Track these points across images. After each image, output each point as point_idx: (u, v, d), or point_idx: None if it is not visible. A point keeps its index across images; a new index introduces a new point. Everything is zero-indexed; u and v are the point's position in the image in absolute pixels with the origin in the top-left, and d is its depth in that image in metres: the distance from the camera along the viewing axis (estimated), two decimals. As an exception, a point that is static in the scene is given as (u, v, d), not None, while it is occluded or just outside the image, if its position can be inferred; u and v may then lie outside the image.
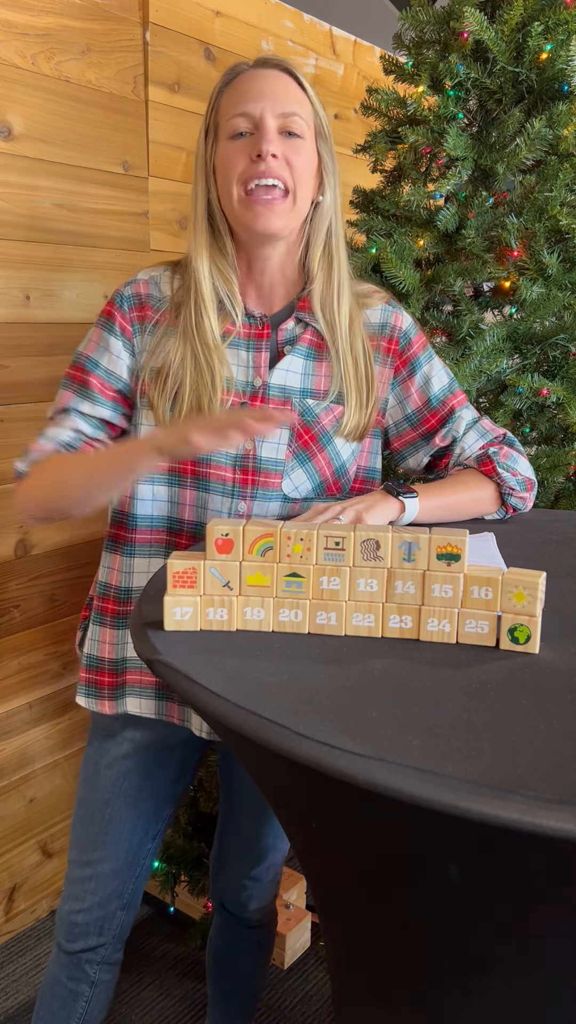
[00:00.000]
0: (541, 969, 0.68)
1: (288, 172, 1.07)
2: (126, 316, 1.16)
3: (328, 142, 1.13)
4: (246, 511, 1.14)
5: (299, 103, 1.09)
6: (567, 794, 0.56)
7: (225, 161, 1.08)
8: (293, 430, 1.14)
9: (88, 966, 1.26)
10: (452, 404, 1.22)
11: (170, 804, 1.29)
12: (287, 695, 0.70)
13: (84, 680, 1.24)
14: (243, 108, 1.07)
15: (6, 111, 1.57)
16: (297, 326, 1.16)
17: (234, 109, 1.08)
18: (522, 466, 1.20)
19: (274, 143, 1.06)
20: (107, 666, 1.22)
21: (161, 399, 1.12)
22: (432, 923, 0.71)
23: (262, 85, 1.08)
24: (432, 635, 0.82)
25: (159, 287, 1.17)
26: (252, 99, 1.07)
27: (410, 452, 1.25)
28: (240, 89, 1.09)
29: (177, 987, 1.79)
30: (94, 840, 1.23)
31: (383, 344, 1.20)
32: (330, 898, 0.85)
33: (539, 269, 1.57)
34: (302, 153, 1.08)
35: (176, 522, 1.17)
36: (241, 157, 1.07)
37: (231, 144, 1.08)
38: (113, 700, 1.22)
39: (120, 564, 1.20)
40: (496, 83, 1.57)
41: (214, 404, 1.11)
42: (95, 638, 1.23)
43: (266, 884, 1.42)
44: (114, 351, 1.15)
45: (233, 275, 1.14)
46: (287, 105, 1.07)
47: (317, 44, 2.20)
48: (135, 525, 1.18)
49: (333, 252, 1.15)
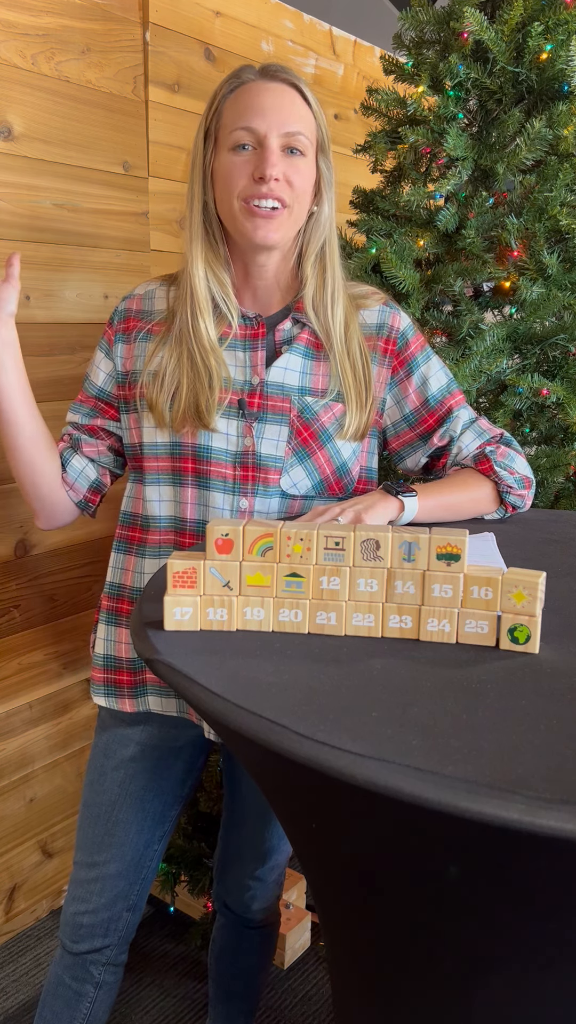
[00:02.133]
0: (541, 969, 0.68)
1: (288, 192, 1.08)
2: (112, 328, 1.23)
3: (328, 154, 1.13)
4: (248, 507, 1.15)
5: (303, 120, 1.09)
6: (567, 794, 0.56)
7: (227, 173, 1.09)
8: (292, 427, 1.15)
9: (93, 967, 1.26)
10: (450, 404, 1.22)
11: (176, 805, 1.29)
12: (287, 695, 0.70)
13: (101, 680, 1.25)
14: (247, 123, 1.07)
15: (6, 111, 1.57)
16: (294, 326, 1.18)
17: (238, 122, 1.07)
18: (520, 464, 1.20)
19: (277, 166, 1.06)
20: (126, 665, 1.23)
21: (160, 399, 1.14)
22: (432, 923, 0.71)
23: (269, 100, 1.07)
24: (432, 635, 0.82)
25: (152, 302, 1.21)
26: (257, 114, 1.07)
27: (408, 452, 1.25)
28: (245, 101, 1.08)
29: (177, 987, 1.79)
30: (100, 842, 1.24)
31: (380, 345, 1.20)
32: (330, 898, 0.85)
33: (539, 269, 1.57)
34: (302, 171, 1.09)
35: (180, 521, 1.18)
36: (243, 173, 1.07)
37: (233, 157, 1.08)
38: (134, 698, 1.23)
39: (134, 565, 1.22)
40: (496, 83, 1.57)
41: (211, 404, 1.12)
42: (111, 638, 1.24)
43: (270, 884, 1.43)
44: (96, 362, 1.24)
45: (228, 278, 1.15)
46: (292, 124, 1.07)
47: (317, 44, 2.20)
48: (148, 526, 1.20)
49: (327, 258, 1.17)
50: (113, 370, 1.21)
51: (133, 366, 1.19)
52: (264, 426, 1.15)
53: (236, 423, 1.14)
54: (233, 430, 1.14)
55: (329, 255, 1.16)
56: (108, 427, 1.24)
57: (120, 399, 1.22)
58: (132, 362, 1.19)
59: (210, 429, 1.14)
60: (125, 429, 1.22)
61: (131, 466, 1.24)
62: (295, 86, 1.10)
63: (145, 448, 1.18)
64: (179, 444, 1.16)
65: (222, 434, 1.14)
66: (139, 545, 1.21)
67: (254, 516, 1.16)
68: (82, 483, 1.22)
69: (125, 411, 1.21)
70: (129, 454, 1.22)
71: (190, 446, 1.15)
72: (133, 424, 1.19)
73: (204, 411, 1.12)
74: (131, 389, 1.19)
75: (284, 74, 1.10)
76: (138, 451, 1.19)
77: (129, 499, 1.24)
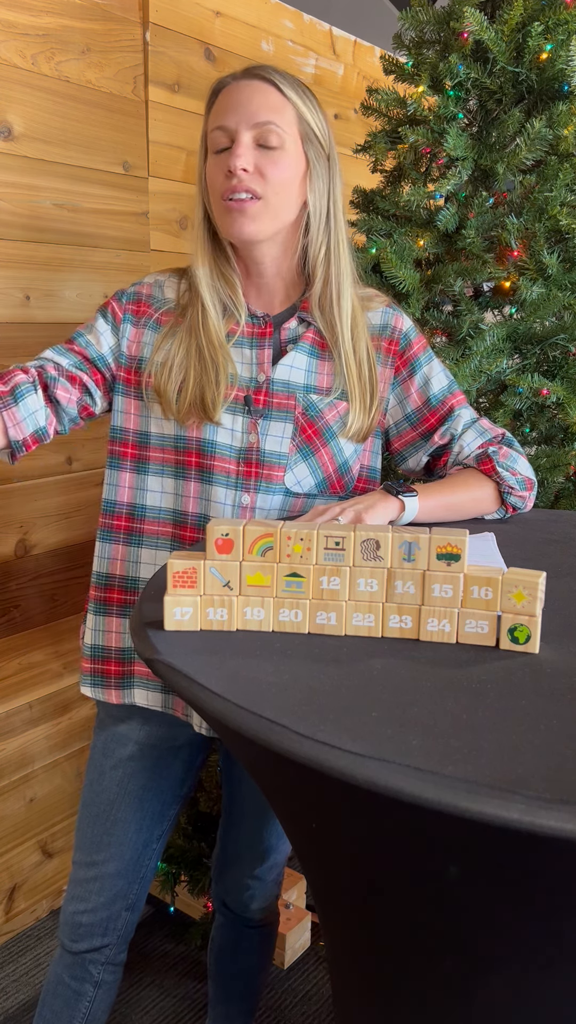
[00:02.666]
0: (542, 969, 0.68)
1: (260, 183, 1.08)
2: (121, 306, 1.21)
3: (317, 144, 1.12)
4: (250, 503, 1.16)
5: (275, 111, 1.08)
6: (567, 794, 0.56)
7: (210, 176, 1.12)
8: (297, 424, 1.15)
9: (92, 966, 1.26)
10: (451, 403, 1.22)
11: (175, 805, 1.29)
12: (287, 695, 0.70)
13: (88, 670, 1.24)
14: (221, 122, 1.09)
15: (6, 111, 1.57)
16: (300, 325, 1.18)
17: (214, 123, 1.10)
18: (521, 465, 1.20)
19: (243, 157, 1.07)
20: (114, 655, 1.23)
21: (168, 388, 1.15)
22: (432, 923, 0.71)
23: (238, 97, 1.09)
24: (432, 635, 0.82)
25: (163, 290, 1.21)
26: (229, 112, 1.09)
27: (410, 452, 1.26)
28: (221, 103, 1.10)
29: (177, 987, 1.79)
30: (99, 841, 1.24)
31: (383, 344, 1.21)
32: (330, 898, 0.85)
33: (539, 269, 1.57)
34: (279, 163, 1.09)
35: (180, 514, 1.18)
36: (219, 172, 1.09)
37: (214, 159, 1.10)
38: (120, 690, 1.23)
39: (125, 554, 1.21)
40: (496, 83, 1.57)
41: (217, 398, 1.13)
42: (99, 628, 1.23)
43: (269, 883, 1.43)
44: (99, 329, 1.20)
45: (236, 279, 1.17)
46: (261, 115, 1.07)
47: (317, 44, 2.20)
48: (144, 516, 1.19)
49: (332, 255, 1.16)
50: (116, 347, 1.20)
51: (140, 353, 1.18)
52: (269, 423, 1.15)
53: (241, 419, 1.15)
54: (238, 426, 1.15)
55: (335, 253, 1.16)
56: (88, 385, 1.18)
57: (121, 380, 1.20)
58: (139, 348, 1.18)
59: (215, 423, 1.14)
60: (118, 412, 1.20)
61: (118, 452, 1.21)
62: (268, 79, 1.10)
63: (152, 438, 1.18)
64: (184, 438, 1.16)
65: (227, 429, 1.15)
66: (130, 535, 1.20)
67: (255, 512, 1.16)
68: (28, 424, 1.12)
69: (123, 394, 1.20)
70: (119, 439, 1.21)
71: (195, 440, 1.15)
72: (133, 410, 1.19)
73: (210, 405, 1.13)
74: (136, 375, 1.18)
75: (259, 71, 1.10)
76: (138, 439, 1.19)
77: (114, 487, 1.21)
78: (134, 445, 1.19)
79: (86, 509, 1.86)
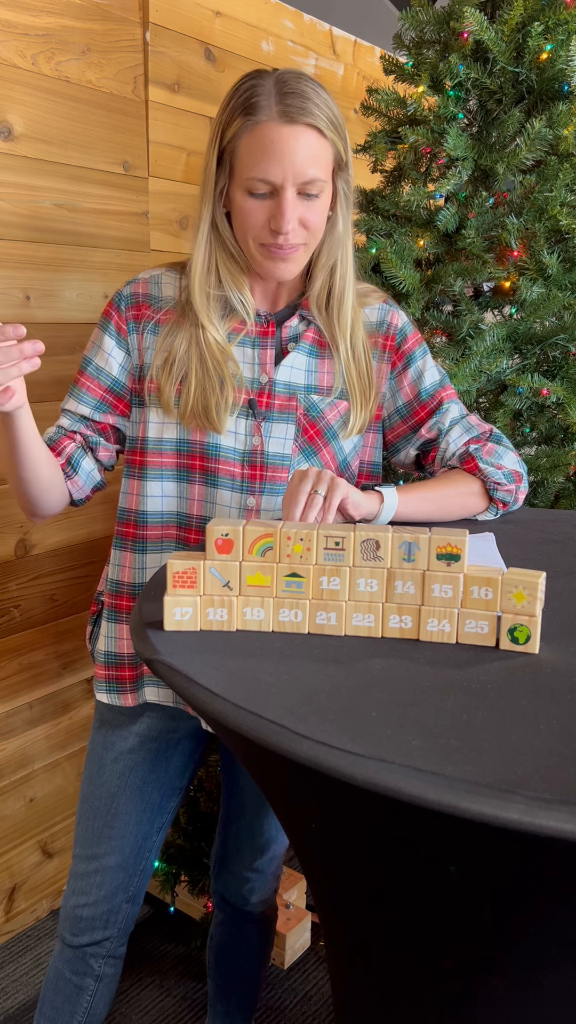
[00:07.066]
0: (541, 970, 0.68)
1: (304, 234, 1.08)
2: (122, 315, 1.18)
3: (347, 168, 1.11)
4: (255, 505, 1.16)
5: (319, 163, 1.05)
6: (567, 794, 0.56)
7: (243, 213, 1.07)
8: (299, 425, 1.15)
9: (93, 960, 1.26)
10: (441, 396, 1.23)
11: (175, 797, 1.30)
12: (287, 695, 0.70)
13: (104, 676, 1.25)
14: (264, 175, 1.03)
15: (6, 111, 1.57)
16: (300, 323, 1.18)
17: (254, 170, 1.04)
18: (508, 460, 1.20)
19: (293, 220, 1.05)
20: (127, 661, 1.23)
21: (169, 389, 1.14)
22: (432, 923, 0.71)
23: (283, 148, 1.02)
24: (432, 635, 0.82)
25: (159, 287, 1.19)
26: (272, 164, 1.03)
27: (401, 445, 1.27)
28: (263, 147, 1.03)
29: (177, 987, 1.79)
30: (99, 834, 1.24)
31: (380, 340, 1.22)
32: (330, 898, 0.85)
33: (539, 269, 1.57)
34: (317, 210, 1.08)
35: (185, 517, 1.18)
36: (259, 219, 1.06)
37: (250, 200, 1.06)
38: (135, 692, 1.24)
39: (132, 561, 1.22)
40: (496, 83, 1.57)
41: (221, 405, 1.13)
42: (111, 635, 1.24)
43: (268, 876, 1.43)
44: (106, 349, 1.19)
45: (244, 279, 1.15)
46: (308, 172, 1.04)
47: (317, 44, 2.20)
48: (145, 521, 1.20)
49: (338, 262, 1.16)
50: (127, 361, 1.19)
51: (143, 359, 1.18)
52: (272, 425, 1.15)
53: (245, 422, 1.15)
54: (242, 429, 1.15)
55: (342, 260, 1.16)
56: (117, 424, 1.21)
57: (134, 392, 1.20)
58: (143, 355, 1.18)
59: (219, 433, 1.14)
60: (134, 423, 1.20)
61: (126, 461, 1.22)
62: (312, 125, 1.03)
63: (149, 443, 1.17)
64: (187, 441, 1.16)
65: (231, 433, 1.15)
66: (136, 541, 1.21)
67: (260, 514, 1.16)
68: (88, 484, 1.21)
69: (138, 405, 1.19)
70: (129, 448, 1.21)
71: (199, 443, 1.15)
72: (141, 418, 1.19)
73: (214, 416, 1.13)
74: (142, 383, 1.18)
75: (301, 114, 1.02)
76: (140, 446, 1.19)
77: (124, 495, 1.22)
78: (140, 452, 1.19)
79: (86, 509, 1.86)
